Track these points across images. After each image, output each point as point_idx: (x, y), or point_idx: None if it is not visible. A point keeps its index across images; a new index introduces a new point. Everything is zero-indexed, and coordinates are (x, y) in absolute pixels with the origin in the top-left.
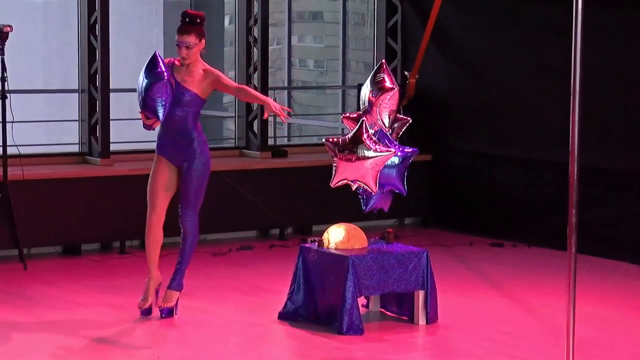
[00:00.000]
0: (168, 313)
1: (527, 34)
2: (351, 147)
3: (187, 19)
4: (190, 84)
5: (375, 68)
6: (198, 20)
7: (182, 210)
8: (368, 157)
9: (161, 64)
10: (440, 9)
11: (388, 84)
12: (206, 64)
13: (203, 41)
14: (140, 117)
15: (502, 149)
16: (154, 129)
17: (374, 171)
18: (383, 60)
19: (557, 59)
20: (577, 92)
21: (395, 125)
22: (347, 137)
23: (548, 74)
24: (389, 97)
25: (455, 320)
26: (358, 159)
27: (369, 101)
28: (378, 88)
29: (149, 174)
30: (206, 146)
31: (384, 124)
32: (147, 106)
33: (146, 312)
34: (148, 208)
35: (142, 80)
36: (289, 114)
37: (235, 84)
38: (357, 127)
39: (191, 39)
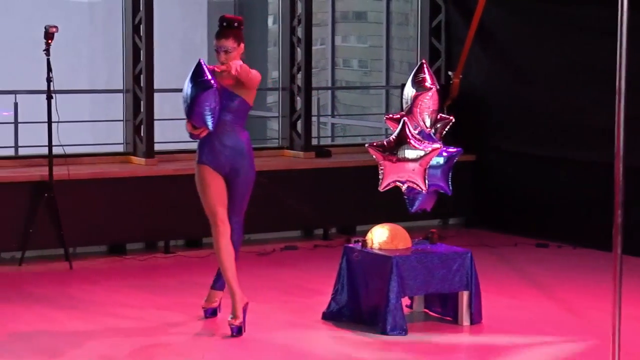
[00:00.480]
0: (212, 313)
1: (571, 33)
2: (394, 149)
3: (224, 23)
4: (235, 89)
5: (415, 68)
6: (236, 24)
7: (228, 214)
8: (409, 158)
9: (207, 71)
10: (484, 9)
11: (428, 83)
12: None
13: (242, 45)
14: (187, 127)
15: (547, 149)
16: (200, 139)
17: (422, 168)
18: (423, 60)
19: (601, 59)
20: (622, 92)
21: (438, 125)
22: (391, 138)
23: (592, 74)
24: (427, 97)
25: (499, 321)
26: (399, 160)
27: (412, 99)
28: (418, 88)
29: (193, 174)
30: (252, 152)
31: (424, 124)
32: (195, 115)
33: (237, 330)
34: (211, 221)
35: (188, 89)
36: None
37: None
38: (400, 127)
39: (229, 43)
